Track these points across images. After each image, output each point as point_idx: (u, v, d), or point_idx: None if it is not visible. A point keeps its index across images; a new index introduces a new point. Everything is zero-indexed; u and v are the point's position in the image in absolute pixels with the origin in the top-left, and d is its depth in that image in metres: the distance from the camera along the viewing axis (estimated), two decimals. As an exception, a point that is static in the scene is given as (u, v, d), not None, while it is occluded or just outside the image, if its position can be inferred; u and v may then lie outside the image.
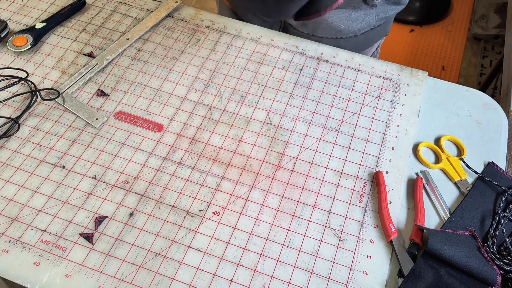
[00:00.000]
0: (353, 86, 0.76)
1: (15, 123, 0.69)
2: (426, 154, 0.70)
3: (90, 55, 0.78)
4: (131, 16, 0.84)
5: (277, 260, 0.59)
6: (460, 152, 0.71)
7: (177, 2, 0.85)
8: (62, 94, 0.73)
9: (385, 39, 0.97)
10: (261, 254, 0.60)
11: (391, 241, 0.60)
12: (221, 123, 0.71)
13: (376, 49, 0.97)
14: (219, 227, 0.62)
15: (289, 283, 0.58)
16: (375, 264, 0.60)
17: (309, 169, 0.67)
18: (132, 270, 0.58)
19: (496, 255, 0.59)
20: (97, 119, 0.70)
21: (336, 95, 0.75)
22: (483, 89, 1.67)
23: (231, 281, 0.58)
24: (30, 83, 0.73)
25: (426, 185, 0.66)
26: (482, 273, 0.56)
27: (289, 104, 0.74)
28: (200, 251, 0.60)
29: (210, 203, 0.63)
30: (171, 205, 0.63)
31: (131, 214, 0.62)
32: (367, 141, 0.70)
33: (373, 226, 0.62)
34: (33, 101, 0.71)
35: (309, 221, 0.63)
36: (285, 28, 0.90)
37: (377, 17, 0.82)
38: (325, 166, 0.68)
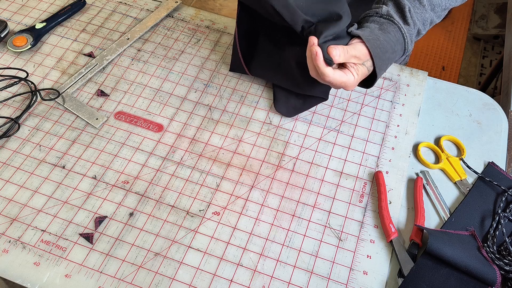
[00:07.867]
0: (353, 86, 0.76)
1: (15, 123, 0.69)
2: (426, 154, 0.70)
3: (90, 55, 0.78)
4: (131, 16, 0.84)
5: (277, 260, 0.59)
6: (460, 152, 0.71)
7: (177, 2, 0.85)
8: (62, 94, 0.73)
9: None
10: (261, 254, 0.60)
11: (391, 241, 0.60)
12: (221, 123, 0.71)
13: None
14: (219, 227, 0.62)
15: (289, 283, 0.58)
16: (375, 264, 0.60)
17: (309, 169, 0.67)
18: (132, 270, 0.58)
19: (496, 255, 0.59)
20: (97, 119, 0.70)
21: (336, 95, 0.75)
22: (483, 89, 1.67)
23: (231, 281, 0.58)
24: (30, 83, 0.73)
25: (426, 185, 0.66)
26: (482, 273, 0.56)
27: (289, 104, 0.74)
28: (200, 251, 0.60)
29: (210, 203, 0.63)
30: (171, 205, 0.63)
31: (131, 214, 0.62)
32: (367, 141, 0.70)
33: (373, 226, 0.62)
34: (33, 101, 0.71)
35: (309, 221, 0.63)
36: None
37: None
38: (325, 166, 0.68)
